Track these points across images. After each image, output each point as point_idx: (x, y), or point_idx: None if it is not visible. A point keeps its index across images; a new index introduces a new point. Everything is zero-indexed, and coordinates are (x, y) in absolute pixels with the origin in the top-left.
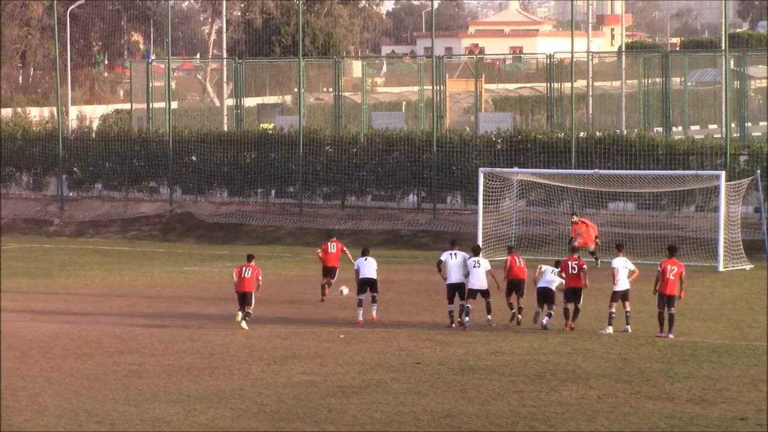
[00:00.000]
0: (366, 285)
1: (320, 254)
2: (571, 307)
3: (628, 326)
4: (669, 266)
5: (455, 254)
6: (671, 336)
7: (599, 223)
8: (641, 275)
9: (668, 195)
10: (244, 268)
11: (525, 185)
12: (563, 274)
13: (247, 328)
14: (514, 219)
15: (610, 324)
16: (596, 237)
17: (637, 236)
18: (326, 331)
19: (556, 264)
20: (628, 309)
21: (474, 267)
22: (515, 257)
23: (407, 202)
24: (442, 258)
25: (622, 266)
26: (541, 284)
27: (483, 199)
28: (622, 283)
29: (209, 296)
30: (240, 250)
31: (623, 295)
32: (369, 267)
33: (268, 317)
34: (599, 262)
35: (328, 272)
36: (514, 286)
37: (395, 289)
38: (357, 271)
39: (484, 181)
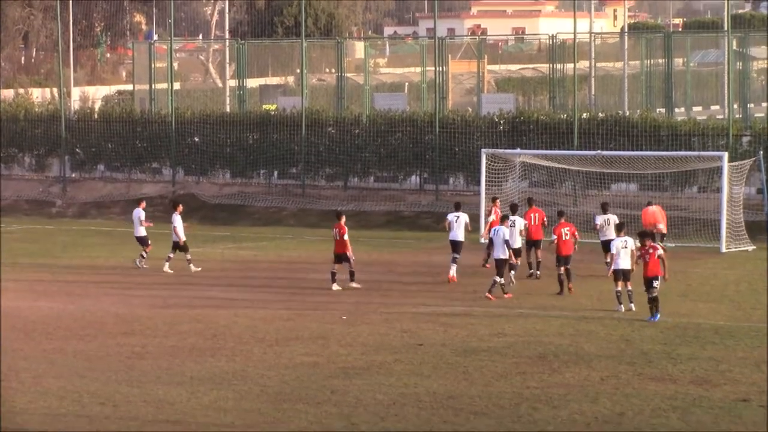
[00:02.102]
0: (452, 245)
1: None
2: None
3: (632, 304)
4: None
5: (497, 231)
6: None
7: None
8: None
9: (671, 176)
10: (334, 230)
11: (527, 166)
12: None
13: (358, 286)
14: (517, 200)
15: (620, 303)
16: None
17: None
18: (329, 313)
19: (604, 207)
20: (630, 288)
21: (510, 227)
22: (532, 214)
23: (410, 183)
24: (491, 235)
25: (621, 246)
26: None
27: (485, 181)
28: (622, 263)
29: (212, 277)
30: (242, 231)
31: (624, 275)
32: (459, 227)
33: (271, 299)
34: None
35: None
36: (530, 244)
37: (398, 270)
38: (448, 225)
39: (486, 163)
